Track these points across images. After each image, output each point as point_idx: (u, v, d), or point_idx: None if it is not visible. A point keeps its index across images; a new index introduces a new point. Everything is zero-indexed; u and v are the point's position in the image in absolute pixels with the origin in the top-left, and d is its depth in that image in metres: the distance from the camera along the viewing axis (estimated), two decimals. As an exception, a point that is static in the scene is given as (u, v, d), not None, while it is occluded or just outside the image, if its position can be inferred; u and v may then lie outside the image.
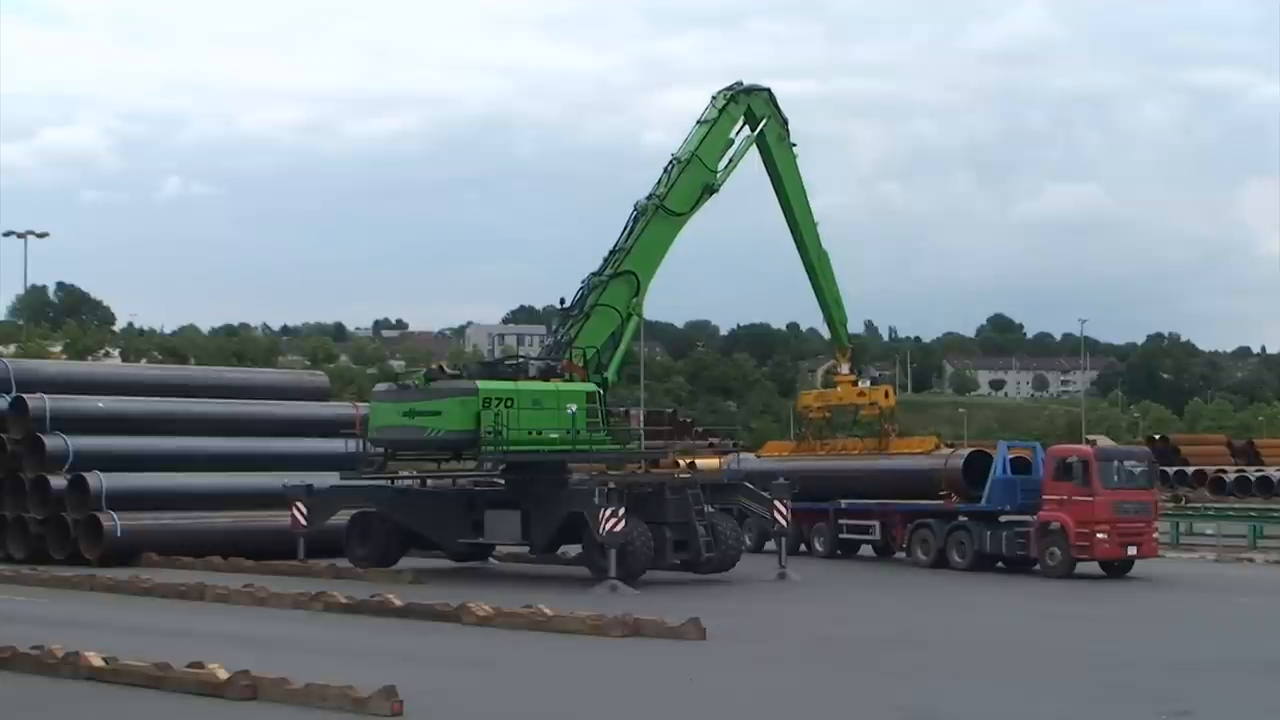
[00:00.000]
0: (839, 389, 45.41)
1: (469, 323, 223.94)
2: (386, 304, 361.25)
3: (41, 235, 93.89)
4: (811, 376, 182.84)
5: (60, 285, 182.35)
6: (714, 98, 40.97)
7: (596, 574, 34.15)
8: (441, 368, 38.29)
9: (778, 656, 23.88)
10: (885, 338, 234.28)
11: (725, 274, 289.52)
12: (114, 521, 40.22)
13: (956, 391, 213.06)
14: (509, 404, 34.96)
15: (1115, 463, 38.67)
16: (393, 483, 39.13)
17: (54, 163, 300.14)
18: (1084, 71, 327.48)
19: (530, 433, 35.28)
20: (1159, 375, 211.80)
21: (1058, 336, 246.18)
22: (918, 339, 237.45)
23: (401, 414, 35.51)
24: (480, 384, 35.37)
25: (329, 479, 39.82)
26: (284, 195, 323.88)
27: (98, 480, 40.71)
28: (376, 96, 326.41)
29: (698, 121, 40.66)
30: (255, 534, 41.22)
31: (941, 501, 41.00)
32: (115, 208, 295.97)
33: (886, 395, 45.80)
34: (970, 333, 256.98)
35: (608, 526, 33.45)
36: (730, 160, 40.82)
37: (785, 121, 41.73)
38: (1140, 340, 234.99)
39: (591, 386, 37.06)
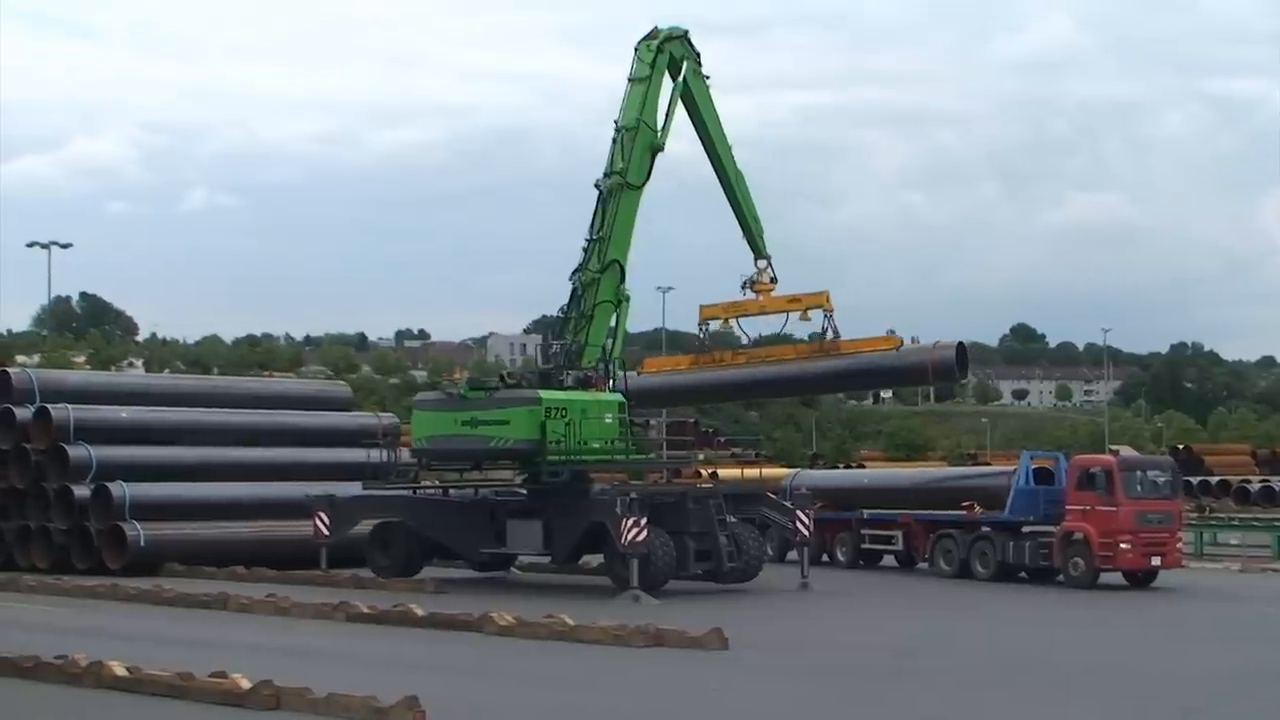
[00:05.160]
0: (760, 297, 43.28)
1: (490, 333, 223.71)
2: (408, 314, 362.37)
3: (65, 246, 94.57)
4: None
5: (83, 295, 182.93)
6: (638, 51, 39.76)
7: (618, 584, 34.13)
8: (503, 377, 38.03)
9: (801, 667, 23.84)
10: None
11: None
12: (137, 531, 40.31)
13: (979, 401, 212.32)
14: (563, 414, 35.05)
15: (1139, 473, 38.56)
16: (415, 493, 39.17)
17: (79, 174, 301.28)
18: (1107, 81, 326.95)
19: (579, 443, 35.37)
20: (1182, 385, 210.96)
21: (1081, 346, 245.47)
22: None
23: (461, 423, 35.52)
24: (543, 394, 35.42)
25: (352, 489, 39.89)
26: (306, 206, 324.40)
27: (121, 490, 40.81)
28: (397, 107, 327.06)
29: (630, 80, 39.53)
30: (278, 544, 41.24)
31: (964, 511, 40.91)
32: (140, 219, 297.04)
33: (827, 300, 43.50)
34: (993, 342, 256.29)
35: (629, 536, 33.42)
36: (667, 115, 39.94)
37: (698, 56, 40.74)
38: (1164, 350, 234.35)
39: (620, 397, 37.13)
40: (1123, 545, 37.01)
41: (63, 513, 41.40)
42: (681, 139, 41.16)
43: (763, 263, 42.79)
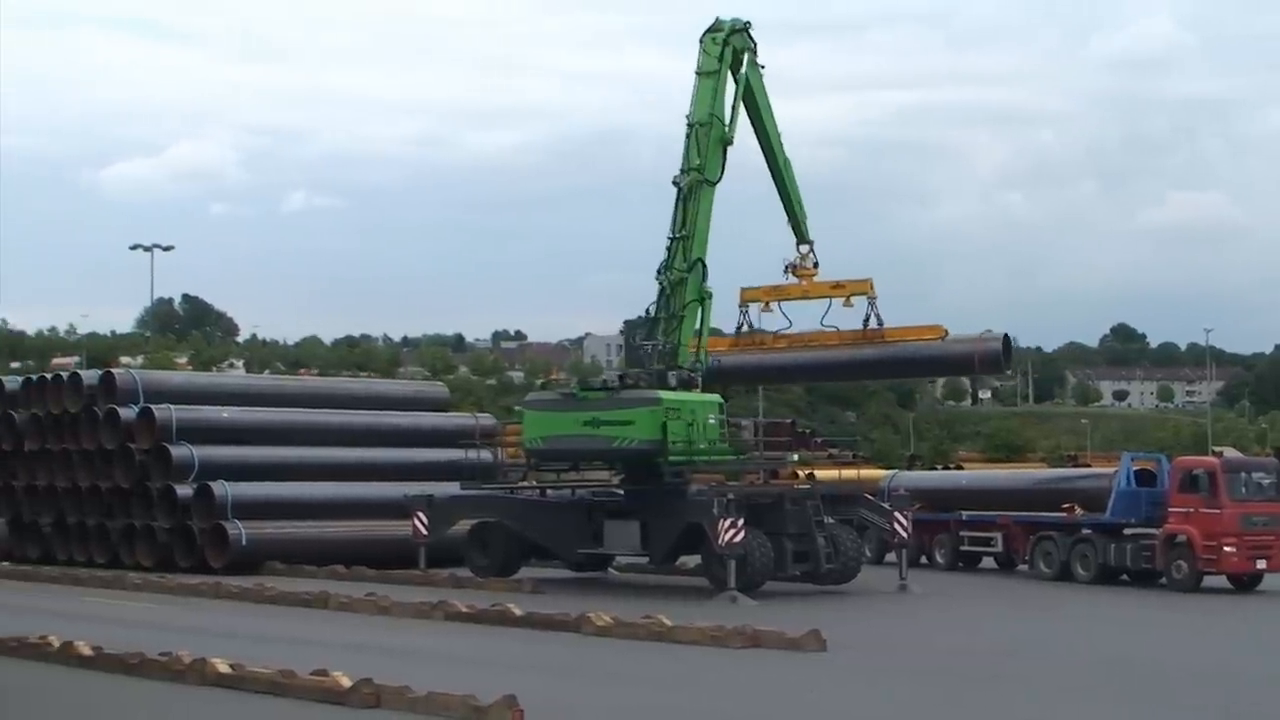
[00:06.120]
0: (803, 282, 42.82)
1: (587, 333, 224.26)
2: (505, 315, 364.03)
3: (167, 248, 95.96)
4: (931, 387, 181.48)
5: (186, 297, 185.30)
6: (703, 44, 39.37)
7: (716, 585, 34.09)
8: (622, 378, 37.97)
9: (899, 669, 23.69)
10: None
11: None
12: (239, 530, 40.75)
13: (1079, 402, 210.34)
14: (677, 414, 35.12)
15: (1243, 474, 38.05)
16: (513, 493, 39.32)
17: (182, 177, 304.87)
18: (1207, 79, 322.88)
19: (694, 443, 35.50)
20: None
21: (1182, 346, 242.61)
22: (1039, 349, 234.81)
23: (583, 423, 35.67)
24: (662, 395, 35.50)
25: (450, 489, 40.09)
26: (405, 207, 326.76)
27: (223, 489, 41.27)
28: (496, 109, 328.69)
29: (698, 73, 39.18)
30: (376, 543, 41.56)
31: (1064, 513, 40.52)
32: (241, 220, 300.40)
33: (870, 286, 43.00)
34: (1093, 342, 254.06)
35: (727, 537, 33.37)
36: (734, 108, 39.54)
37: (755, 46, 40.24)
38: (1267, 349, 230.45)
39: (719, 398, 37.08)
40: (1227, 548, 36.52)
41: (166, 512, 41.93)
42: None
43: (805, 247, 42.56)
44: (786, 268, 42.72)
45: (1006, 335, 43.22)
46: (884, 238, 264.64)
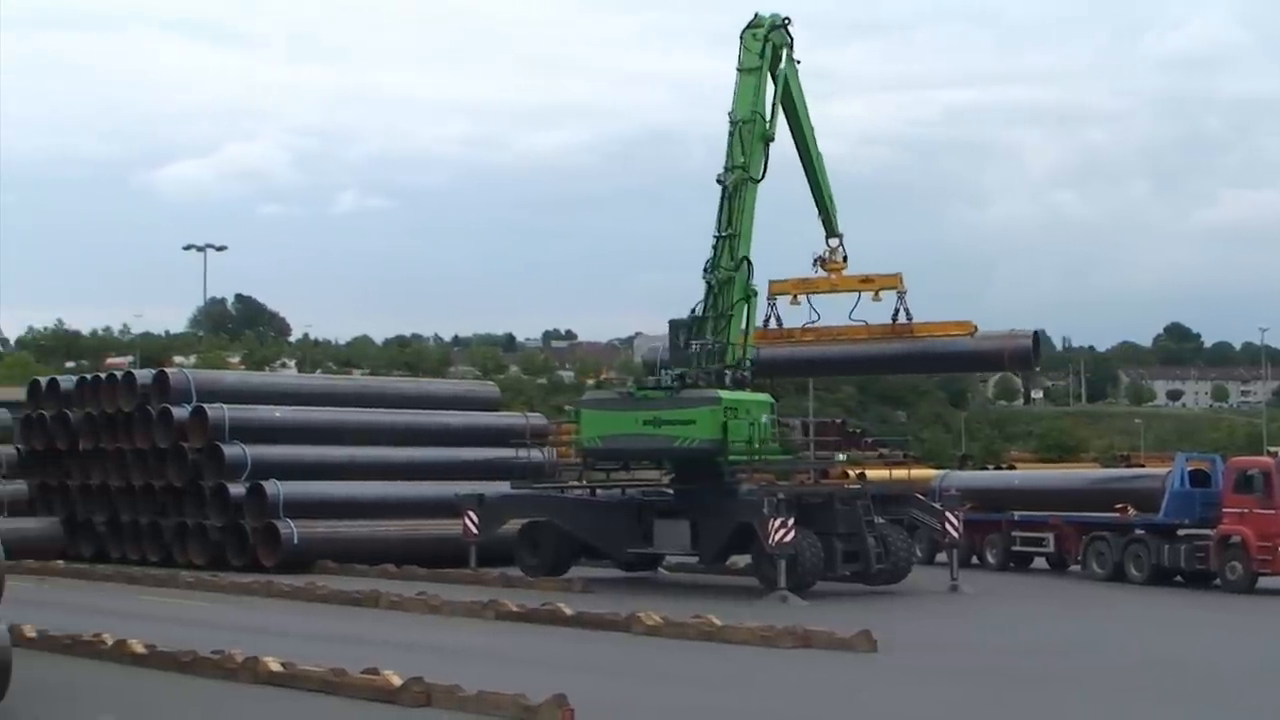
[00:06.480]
0: (832, 276, 42.63)
1: (637, 333, 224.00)
2: (556, 314, 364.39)
3: (220, 249, 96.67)
4: (983, 386, 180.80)
5: (239, 297, 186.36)
6: (744, 41, 39.13)
7: (766, 584, 34.05)
8: (683, 376, 37.89)
9: (950, 669, 23.60)
10: (1059, 347, 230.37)
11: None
12: (290, 529, 40.93)
13: (1132, 402, 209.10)
14: (735, 414, 35.13)
15: (1298, 475, 37.70)
16: (563, 492, 39.38)
17: (233, 177, 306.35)
18: (1263, 77, 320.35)
19: (750, 443, 35.50)
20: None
21: (1237, 346, 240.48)
22: (1092, 348, 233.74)
23: (643, 423, 35.71)
24: (722, 394, 35.53)
25: (500, 488, 40.17)
26: (454, 207, 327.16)
27: (275, 489, 41.47)
28: (545, 109, 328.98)
29: (740, 70, 38.97)
30: (427, 542, 41.68)
31: (1117, 514, 40.30)
32: (292, 221, 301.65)
33: (900, 281, 42.68)
34: (1147, 342, 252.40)
35: (777, 537, 33.33)
36: (773, 105, 39.32)
37: (792, 42, 40.03)
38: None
39: (770, 398, 37.04)
40: (1282, 549, 36.22)
41: (218, 510, 42.18)
42: (826, 138, 40.94)
43: (834, 241, 42.40)
44: (816, 261, 42.61)
45: (1036, 333, 43.00)
46: (935, 237, 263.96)
